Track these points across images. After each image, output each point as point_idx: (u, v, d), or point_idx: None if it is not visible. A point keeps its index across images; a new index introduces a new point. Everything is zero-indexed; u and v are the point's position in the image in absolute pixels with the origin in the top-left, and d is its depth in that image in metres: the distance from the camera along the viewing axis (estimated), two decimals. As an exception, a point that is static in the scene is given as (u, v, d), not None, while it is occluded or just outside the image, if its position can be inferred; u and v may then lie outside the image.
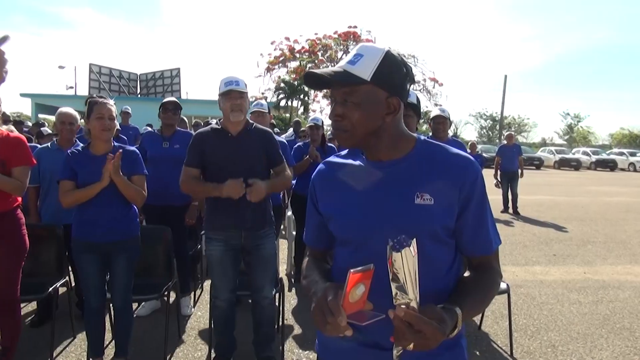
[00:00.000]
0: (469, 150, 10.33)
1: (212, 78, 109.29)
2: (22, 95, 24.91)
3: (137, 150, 2.98)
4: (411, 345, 0.99)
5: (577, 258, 6.48)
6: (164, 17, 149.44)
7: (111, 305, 3.08)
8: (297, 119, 14.27)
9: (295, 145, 5.31)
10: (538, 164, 28.79)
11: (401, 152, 1.25)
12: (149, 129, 7.88)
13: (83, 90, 29.11)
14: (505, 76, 31.82)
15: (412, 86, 1.29)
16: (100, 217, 2.76)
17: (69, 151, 2.90)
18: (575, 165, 29.65)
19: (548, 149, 34.86)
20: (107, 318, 3.29)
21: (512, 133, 11.40)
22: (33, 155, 3.56)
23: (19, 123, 8.90)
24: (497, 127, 38.33)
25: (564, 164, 29.83)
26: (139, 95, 27.83)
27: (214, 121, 2.95)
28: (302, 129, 8.56)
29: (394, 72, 1.19)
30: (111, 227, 2.80)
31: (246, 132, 2.91)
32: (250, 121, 3.02)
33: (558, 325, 4.05)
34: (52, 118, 29.17)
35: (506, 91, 30.55)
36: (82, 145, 3.08)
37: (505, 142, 10.80)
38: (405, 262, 0.96)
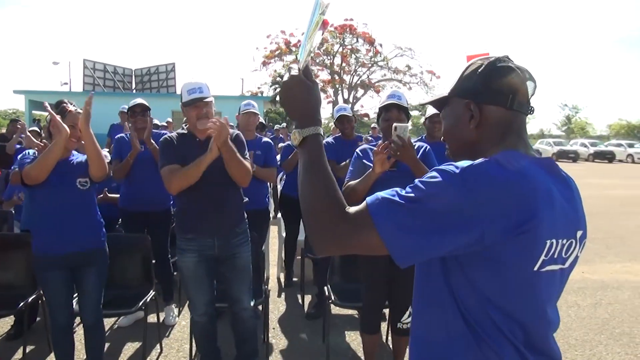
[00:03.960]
0: None
1: (208, 72, 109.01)
2: (16, 92, 24.61)
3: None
4: None
5: (575, 256, 6.35)
6: (159, 10, 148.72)
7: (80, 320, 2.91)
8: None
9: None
10: (536, 156, 28.56)
11: None
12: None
13: (78, 87, 28.83)
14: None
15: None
16: (62, 227, 2.57)
17: None
18: (574, 157, 29.54)
19: (546, 140, 34.72)
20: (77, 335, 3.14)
21: None
22: None
23: (14, 121, 8.63)
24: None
25: (562, 155, 29.62)
26: (134, 91, 27.48)
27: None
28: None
29: (470, 76, 1.13)
30: (74, 238, 2.63)
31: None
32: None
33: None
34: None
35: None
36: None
37: None
38: None
